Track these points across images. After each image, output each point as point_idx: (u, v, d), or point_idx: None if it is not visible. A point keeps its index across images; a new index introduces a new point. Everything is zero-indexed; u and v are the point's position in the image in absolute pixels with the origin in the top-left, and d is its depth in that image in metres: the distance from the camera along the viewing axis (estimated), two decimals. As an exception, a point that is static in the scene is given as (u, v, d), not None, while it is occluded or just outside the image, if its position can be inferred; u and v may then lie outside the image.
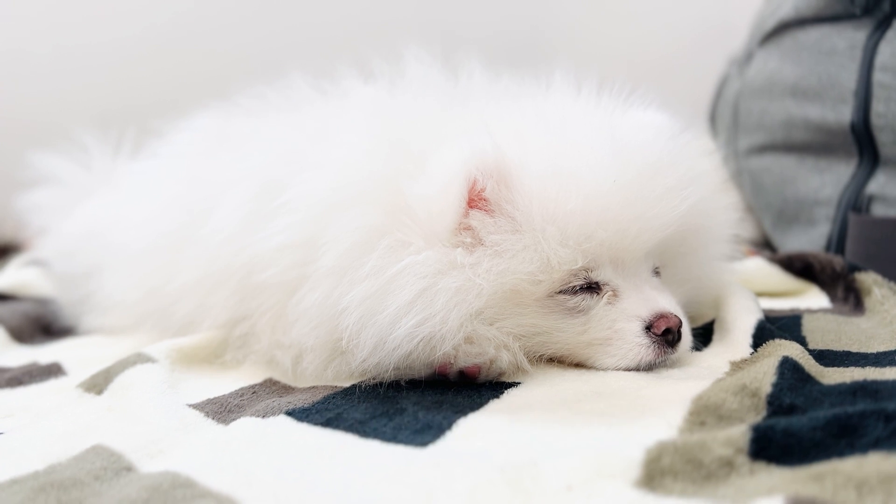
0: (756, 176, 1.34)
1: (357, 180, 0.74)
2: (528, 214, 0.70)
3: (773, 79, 1.27)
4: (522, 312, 0.73)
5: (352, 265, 0.70)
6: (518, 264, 0.70)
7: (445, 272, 0.69)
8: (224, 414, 0.69)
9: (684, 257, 0.81)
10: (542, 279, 0.71)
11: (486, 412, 0.63)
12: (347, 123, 0.82)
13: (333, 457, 0.57)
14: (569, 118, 0.76)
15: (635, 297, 0.73)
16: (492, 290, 0.69)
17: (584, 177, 0.70)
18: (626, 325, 0.72)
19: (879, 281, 0.90)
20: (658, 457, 0.49)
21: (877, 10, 1.09)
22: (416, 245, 0.70)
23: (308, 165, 0.78)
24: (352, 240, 0.71)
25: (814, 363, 0.66)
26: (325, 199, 0.74)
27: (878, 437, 0.48)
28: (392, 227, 0.71)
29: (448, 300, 0.68)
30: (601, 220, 0.70)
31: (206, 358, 0.86)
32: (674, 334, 0.72)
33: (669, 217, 0.73)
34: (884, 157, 1.08)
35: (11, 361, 0.96)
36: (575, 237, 0.70)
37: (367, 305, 0.68)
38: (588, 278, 0.73)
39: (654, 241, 0.74)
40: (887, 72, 1.04)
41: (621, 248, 0.72)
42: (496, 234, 0.70)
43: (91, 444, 0.61)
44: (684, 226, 0.75)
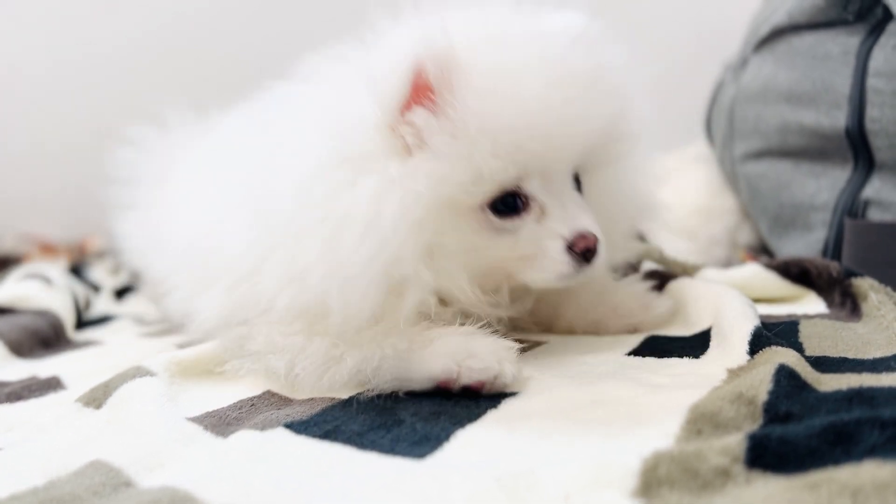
0: (752, 181, 1.34)
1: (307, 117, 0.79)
2: (464, 120, 0.71)
3: (768, 84, 1.27)
4: (461, 228, 0.76)
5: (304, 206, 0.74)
6: (454, 172, 0.72)
7: (387, 189, 0.72)
8: (223, 427, 0.69)
9: (605, 167, 0.85)
10: (474, 190, 0.74)
11: (483, 423, 0.63)
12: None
13: (331, 469, 0.57)
14: (509, 27, 0.78)
15: (559, 216, 0.77)
16: (431, 197, 0.72)
17: (517, 86, 0.72)
18: (550, 243, 0.77)
19: (876, 286, 0.90)
20: (655, 466, 0.49)
21: (870, 15, 1.09)
22: (358, 166, 0.73)
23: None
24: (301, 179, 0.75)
25: (810, 370, 0.66)
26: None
27: (874, 445, 0.48)
28: (336, 160, 0.74)
29: (394, 213, 0.71)
30: (532, 129, 0.73)
31: (204, 370, 0.87)
32: (592, 252, 0.76)
33: (597, 123, 0.77)
34: (879, 161, 1.08)
35: (11, 376, 0.96)
36: (506, 147, 0.72)
37: (324, 252, 0.72)
38: (518, 190, 0.76)
39: (581, 148, 0.78)
40: (881, 77, 1.05)
41: (550, 157, 0.76)
42: (437, 136, 0.72)
43: (90, 460, 0.61)
44: (607, 134, 0.80)
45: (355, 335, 0.76)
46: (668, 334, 0.90)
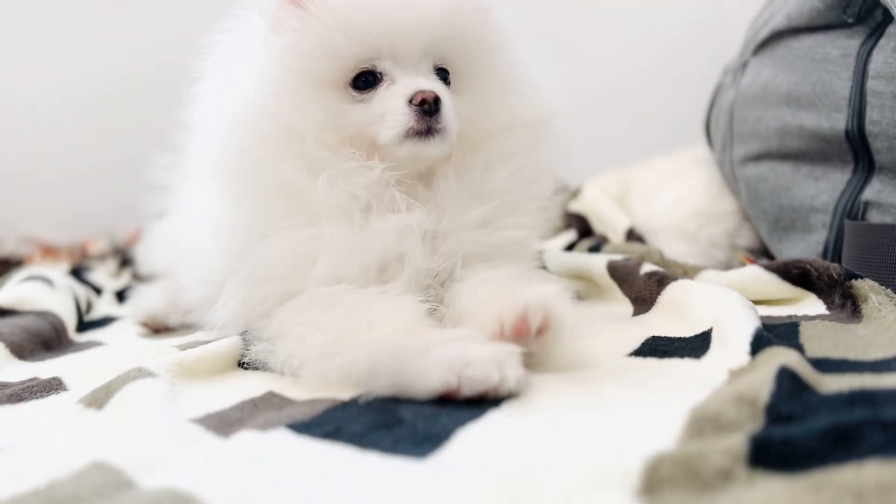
0: (752, 184, 1.35)
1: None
2: (316, 3, 0.87)
3: (768, 87, 1.27)
4: (324, 97, 0.90)
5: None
6: (312, 48, 0.88)
7: (258, 54, 0.91)
8: (224, 427, 0.69)
9: (470, 68, 0.95)
10: (333, 66, 0.89)
11: (485, 423, 0.64)
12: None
13: (333, 469, 0.57)
14: None
15: (406, 82, 0.89)
16: (296, 67, 0.89)
17: None
18: (395, 101, 0.88)
19: (876, 288, 0.90)
20: (657, 467, 0.49)
21: (869, 18, 1.09)
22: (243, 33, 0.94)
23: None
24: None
25: (811, 371, 0.66)
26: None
27: (876, 446, 0.48)
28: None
29: (260, 78, 0.89)
30: (374, 9, 0.87)
31: (206, 371, 0.87)
32: (430, 105, 0.86)
33: (440, 9, 0.88)
34: (879, 163, 1.09)
35: (12, 377, 0.95)
36: (350, 27, 0.87)
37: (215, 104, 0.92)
38: (373, 68, 0.90)
39: (424, 34, 0.89)
40: (881, 79, 1.05)
41: (394, 40, 0.88)
42: (299, 20, 0.89)
43: (92, 460, 0.61)
44: (458, 29, 0.91)
45: (355, 335, 0.77)
46: (669, 335, 0.90)
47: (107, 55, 2.42)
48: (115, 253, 2.17)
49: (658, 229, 1.53)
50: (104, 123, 2.42)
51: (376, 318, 0.79)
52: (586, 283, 1.23)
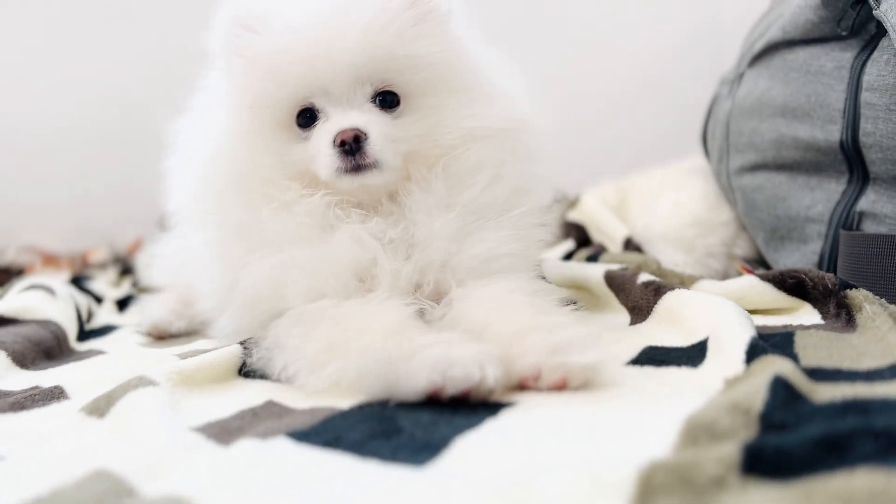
0: (748, 194, 1.36)
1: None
2: (248, 55, 0.92)
3: (763, 99, 1.29)
4: (274, 139, 0.95)
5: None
6: (254, 95, 0.93)
7: (218, 104, 0.98)
8: (224, 436, 0.69)
9: (419, 85, 0.95)
10: (274, 107, 0.93)
11: (482, 431, 0.64)
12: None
13: (332, 477, 0.58)
14: None
15: (336, 120, 0.91)
16: (246, 114, 0.94)
17: (278, 17, 0.91)
18: (323, 140, 0.91)
19: (870, 298, 0.91)
20: (651, 475, 0.49)
21: (863, 31, 1.10)
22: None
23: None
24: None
25: (805, 380, 0.66)
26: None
27: (867, 454, 0.49)
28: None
29: (217, 129, 0.97)
30: (293, 53, 0.89)
31: (206, 380, 0.87)
32: (350, 145, 0.89)
33: (354, 42, 0.89)
34: (873, 174, 1.09)
35: (14, 386, 0.96)
36: (277, 71, 0.91)
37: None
38: (310, 105, 0.93)
39: (347, 68, 0.90)
40: (874, 91, 1.06)
41: (320, 78, 0.90)
42: (240, 69, 0.93)
43: (93, 469, 0.62)
44: (387, 54, 0.91)
45: (345, 343, 0.80)
46: (666, 345, 0.91)
47: (109, 66, 2.43)
48: (116, 262, 2.18)
49: (655, 238, 1.53)
50: (105, 133, 2.43)
51: (363, 325, 0.82)
52: (584, 292, 1.23)
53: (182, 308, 1.28)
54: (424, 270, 0.93)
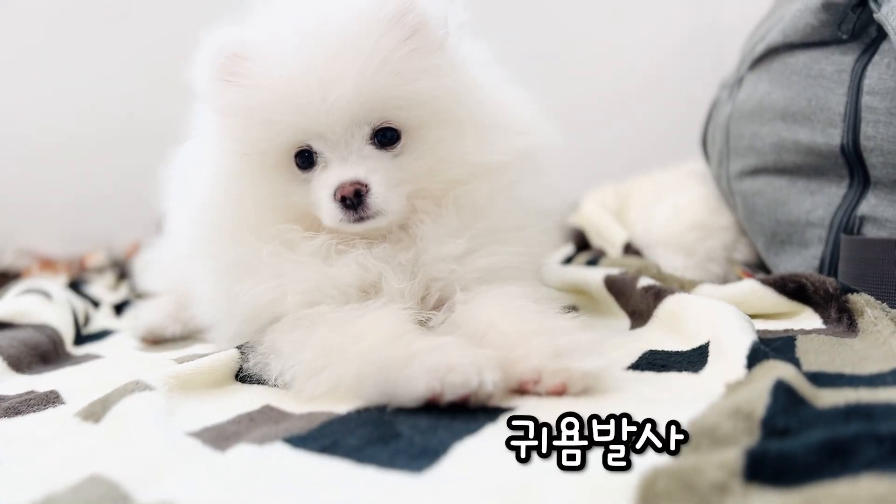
0: (748, 198, 1.35)
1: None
2: (242, 102, 0.88)
3: (763, 102, 1.28)
4: (271, 179, 0.92)
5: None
6: (248, 137, 0.89)
7: (211, 142, 0.95)
8: (221, 441, 0.69)
9: (419, 120, 0.90)
10: (269, 149, 0.90)
11: (482, 436, 0.64)
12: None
13: (329, 484, 0.57)
14: (286, 13, 0.90)
15: (335, 168, 0.88)
16: (241, 154, 0.91)
17: (266, 60, 0.87)
18: (323, 192, 0.88)
19: (872, 302, 0.90)
20: (653, 481, 0.49)
21: (863, 34, 1.10)
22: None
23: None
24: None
25: (807, 385, 0.66)
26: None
27: (871, 459, 0.48)
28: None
29: (209, 167, 0.95)
30: (281, 105, 0.86)
31: (203, 385, 0.87)
32: (351, 200, 0.86)
33: (348, 89, 0.84)
34: (874, 178, 1.09)
35: (9, 390, 0.95)
36: (267, 120, 0.87)
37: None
38: (308, 147, 0.89)
39: (343, 114, 0.86)
40: (875, 95, 1.05)
41: (316, 124, 0.86)
42: (233, 112, 0.90)
43: (89, 474, 0.61)
44: (385, 96, 0.86)
45: (342, 348, 0.80)
46: (666, 349, 0.90)
47: (108, 69, 2.43)
48: (114, 266, 2.17)
49: (655, 243, 1.53)
50: (104, 137, 2.42)
51: (361, 330, 0.82)
52: (584, 296, 1.23)
53: (178, 312, 1.27)
54: (430, 286, 0.92)
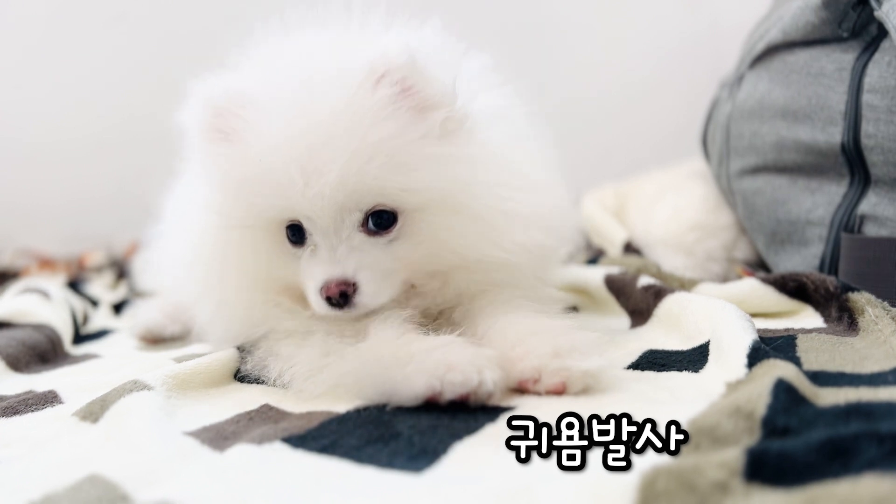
0: (748, 197, 1.35)
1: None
2: (230, 170, 0.81)
3: (764, 101, 1.28)
4: (263, 251, 0.85)
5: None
6: (229, 211, 0.83)
7: (199, 196, 0.89)
8: (220, 441, 0.69)
9: (417, 203, 0.81)
10: (252, 223, 0.83)
11: (481, 436, 0.63)
12: None
13: (329, 484, 0.57)
14: (277, 68, 0.83)
15: (324, 257, 0.81)
16: (229, 227, 0.84)
17: (252, 133, 0.80)
18: (309, 282, 0.82)
19: (873, 301, 0.90)
20: (653, 481, 0.49)
21: (864, 33, 1.10)
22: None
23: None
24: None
25: (808, 384, 0.66)
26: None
27: (872, 459, 0.48)
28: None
29: (201, 230, 0.89)
30: (266, 187, 0.79)
31: (202, 384, 0.87)
32: (337, 300, 0.79)
33: (334, 188, 0.77)
34: (875, 177, 1.09)
35: (8, 390, 0.95)
36: (253, 197, 0.80)
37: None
38: (299, 223, 0.82)
39: (330, 203, 0.78)
40: (876, 93, 1.05)
41: (303, 208, 0.79)
42: (220, 185, 0.84)
43: (87, 474, 0.61)
44: (376, 183, 0.78)
45: (340, 350, 0.80)
46: (666, 348, 0.90)
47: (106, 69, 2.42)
48: (113, 265, 2.17)
49: (655, 242, 1.53)
50: (103, 137, 2.42)
51: (359, 331, 0.82)
52: (584, 295, 1.23)
53: (176, 312, 1.26)
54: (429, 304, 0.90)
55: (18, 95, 2.45)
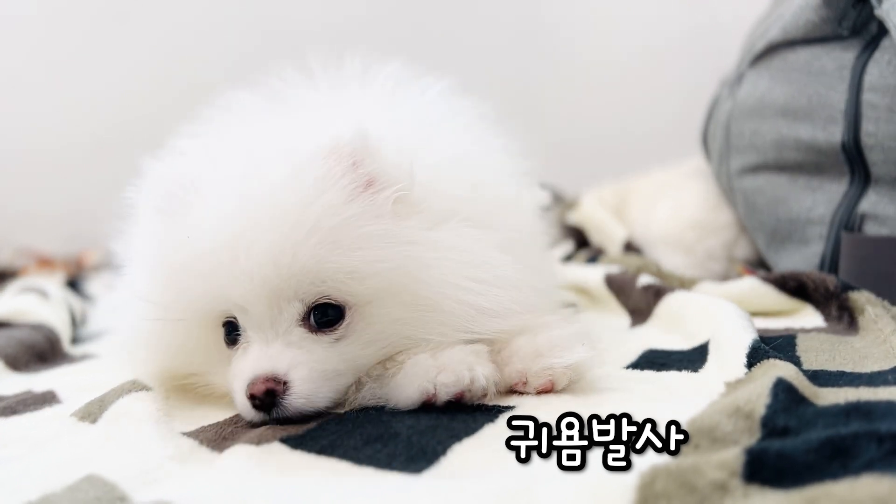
0: (749, 196, 1.35)
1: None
2: (154, 256, 0.76)
3: (764, 99, 1.28)
4: (195, 351, 0.78)
5: None
6: (160, 299, 0.74)
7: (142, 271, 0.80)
8: (218, 441, 0.68)
9: (364, 295, 0.72)
10: (182, 316, 0.74)
11: (480, 437, 0.63)
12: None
13: (328, 485, 0.57)
14: (226, 147, 0.80)
15: (254, 355, 0.71)
16: (161, 319, 0.74)
17: (189, 218, 0.74)
18: (237, 382, 0.72)
19: (872, 300, 0.90)
20: (652, 481, 0.48)
21: (864, 31, 1.10)
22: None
23: None
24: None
25: (808, 384, 0.66)
26: None
27: (871, 459, 0.48)
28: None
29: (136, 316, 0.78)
30: (193, 264, 0.71)
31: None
32: (261, 401, 0.69)
33: (264, 271, 0.69)
34: (875, 175, 1.09)
35: (6, 390, 0.95)
36: (179, 279, 0.73)
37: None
38: (230, 321, 0.74)
39: (264, 293, 0.70)
40: (876, 92, 1.05)
41: (232, 299, 0.71)
42: (150, 270, 0.77)
43: (85, 474, 0.61)
44: (319, 273, 0.70)
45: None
46: (666, 348, 0.90)
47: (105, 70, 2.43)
48: (111, 265, 2.17)
49: (655, 241, 1.53)
50: (101, 137, 2.42)
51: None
52: (584, 294, 1.23)
53: None
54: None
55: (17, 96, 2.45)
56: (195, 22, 2.30)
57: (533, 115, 2.32)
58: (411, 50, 0.96)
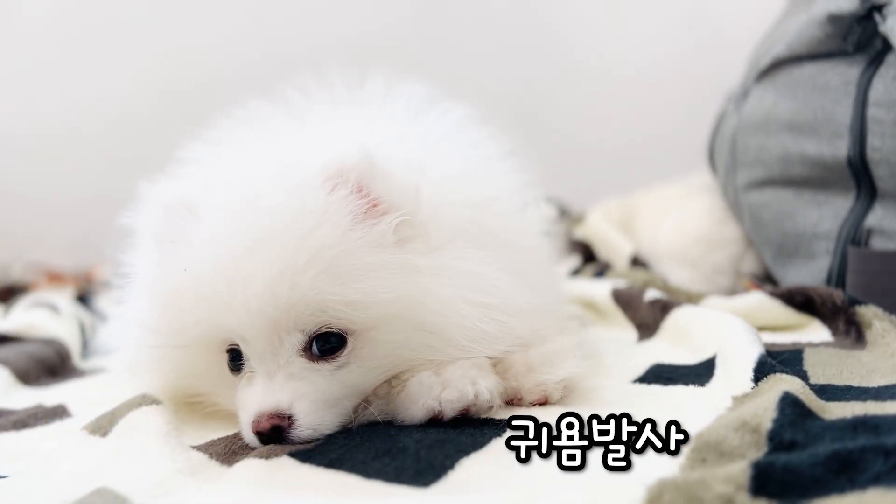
0: (755, 210, 1.35)
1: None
2: (152, 284, 0.75)
3: (770, 114, 1.28)
4: (201, 374, 0.77)
5: None
6: (159, 326, 0.74)
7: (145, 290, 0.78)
8: (228, 455, 0.69)
9: (365, 322, 0.71)
10: (184, 343, 0.73)
11: (488, 452, 0.63)
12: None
13: (337, 498, 0.57)
14: (226, 170, 0.78)
15: (259, 387, 0.70)
16: (162, 346, 0.75)
17: (187, 244, 0.72)
18: (242, 413, 0.71)
19: (880, 314, 0.90)
20: (659, 495, 0.49)
21: (869, 47, 1.10)
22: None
23: None
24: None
25: (814, 398, 0.66)
26: None
27: (878, 473, 0.48)
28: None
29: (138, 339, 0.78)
30: (190, 292, 0.70)
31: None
32: (266, 436, 0.68)
33: (263, 302, 0.67)
34: (881, 190, 1.09)
35: (17, 404, 0.96)
36: (176, 307, 0.72)
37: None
38: (233, 348, 0.73)
39: (264, 325, 0.68)
40: (881, 107, 1.06)
41: (234, 330, 0.70)
42: (149, 297, 0.77)
43: (96, 487, 0.61)
44: (319, 303, 0.68)
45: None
46: (673, 362, 0.90)
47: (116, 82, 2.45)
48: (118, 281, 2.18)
49: (662, 255, 1.53)
50: (111, 151, 2.44)
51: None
52: (591, 309, 1.23)
53: None
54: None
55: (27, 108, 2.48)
56: (204, 32, 2.33)
57: (539, 127, 2.33)
58: (422, 62, 0.96)
